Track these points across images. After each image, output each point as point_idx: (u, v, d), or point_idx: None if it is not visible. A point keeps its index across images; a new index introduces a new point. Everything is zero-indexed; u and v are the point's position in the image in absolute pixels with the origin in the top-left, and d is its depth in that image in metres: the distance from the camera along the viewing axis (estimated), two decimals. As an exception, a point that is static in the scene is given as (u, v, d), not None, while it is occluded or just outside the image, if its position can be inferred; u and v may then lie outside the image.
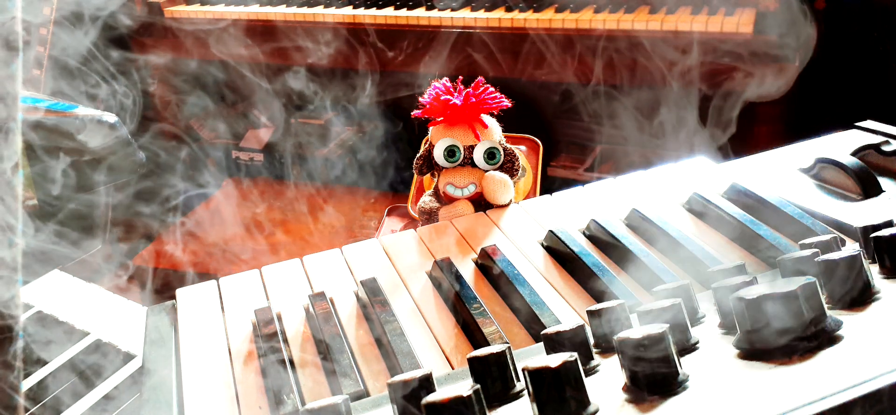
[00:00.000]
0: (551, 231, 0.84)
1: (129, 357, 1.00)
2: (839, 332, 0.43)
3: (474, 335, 0.69)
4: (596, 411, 0.41)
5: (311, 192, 2.67)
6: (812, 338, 0.42)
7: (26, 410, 0.92)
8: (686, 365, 0.43)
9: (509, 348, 0.46)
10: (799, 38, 1.67)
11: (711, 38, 1.81)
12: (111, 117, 2.05)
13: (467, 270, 0.81)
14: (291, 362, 0.68)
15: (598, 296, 0.72)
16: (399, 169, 2.50)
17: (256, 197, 2.70)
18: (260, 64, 2.41)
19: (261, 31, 2.44)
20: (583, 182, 0.99)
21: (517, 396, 0.45)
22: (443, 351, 0.68)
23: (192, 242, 2.39)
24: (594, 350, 0.50)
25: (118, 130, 2.05)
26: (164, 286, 2.16)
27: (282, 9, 2.43)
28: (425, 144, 1.01)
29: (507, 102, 1.00)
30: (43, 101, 2.11)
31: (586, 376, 0.42)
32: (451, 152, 0.97)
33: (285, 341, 0.71)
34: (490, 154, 0.96)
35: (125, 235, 2.29)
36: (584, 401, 0.40)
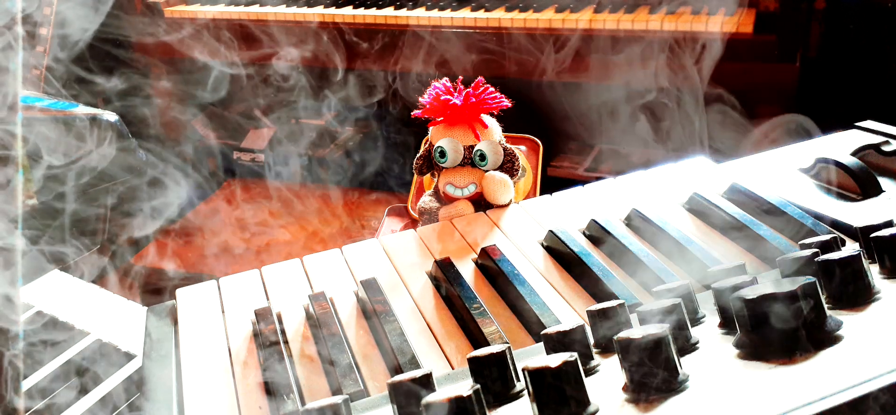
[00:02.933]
0: (551, 231, 0.84)
1: (129, 357, 1.00)
2: (839, 332, 0.43)
3: (474, 335, 0.69)
4: (596, 411, 0.41)
5: (311, 192, 2.67)
6: (812, 338, 0.42)
7: (26, 410, 0.91)
8: (686, 365, 0.43)
9: (509, 348, 0.46)
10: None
11: (711, 38, 1.81)
12: (111, 116, 2.05)
13: (467, 270, 0.81)
14: (291, 362, 0.68)
15: (598, 296, 0.72)
16: (399, 169, 2.50)
17: (257, 197, 2.70)
18: (260, 64, 2.41)
19: (261, 31, 2.44)
20: (583, 182, 0.99)
21: (517, 396, 0.45)
22: (443, 351, 0.68)
23: (188, 243, 2.39)
24: (594, 350, 0.50)
25: (119, 129, 2.05)
26: (160, 288, 2.16)
27: (282, 8, 2.43)
28: (425, 144, 1.01)
29: (507, 102, 1.00)
30: (41, 100, 2.11)
31: (586, 376, 0.42)
32: (441, 153, 0.97)
33: (285, 341, 0.71)
34: (480, 156, 0.96)
35: (120, 237, 2.29)
36: (584, 401, 0.40)
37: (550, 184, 1.90)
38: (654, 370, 0.40)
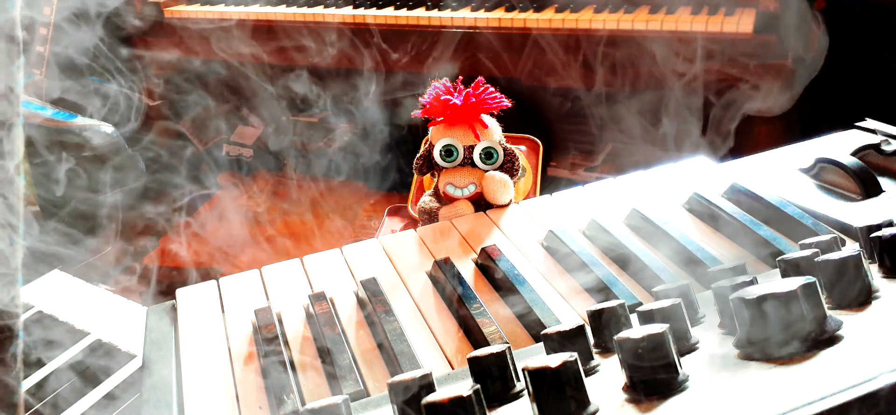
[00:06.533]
0: (551, 231, 0.84)
1: (129, 357, 1.00)
2: (839, 332, 0.43)
3: (474, 335, 0.69)
4: (596, 411, 0.41)
5: (311, 191, 2.67)
6: (812, 338, 0.42)
7: (27, 409, 0.91)
8: (686, 365, 0.43)
9: (509, 348, 0.46)
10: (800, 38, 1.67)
11: (712, 38, 1.81)
12: (108, 127, 2.07)
13: (467, 270, 0.81)
14: (291, 363, 0.68)
15: (598, 296, 0.72)
16: (399, 169, 2.50)
17: (256, 196, 2.70)
18: (260, 64, 2.41)
19: (261, 31, 2.44)
20: (583, 182, 0.99)
21: (517, 396, 0.45)
22: (443, 351, 0.68)
23: (191, 242, 2.39)
24: (594, 350, 0.50)
25: (115, 140, 2.07)
26: (164, 287, 2.16)
27: (282, 8, 2.43)
28: (425, 144, 1.01)
29: (507, 102, 1.00)
30: (46, 110, 2.13)
31: (586, 376, 0.42)
32: (448, 152, 0.97)
33: (285, 341, 0.71)
34: (487, 154, 0.96)
35: (124, 236, 2.29)
36: (584, 401, 0.40)
37: (550, 184, 1.90)
38: (654, 370, 0.40)
